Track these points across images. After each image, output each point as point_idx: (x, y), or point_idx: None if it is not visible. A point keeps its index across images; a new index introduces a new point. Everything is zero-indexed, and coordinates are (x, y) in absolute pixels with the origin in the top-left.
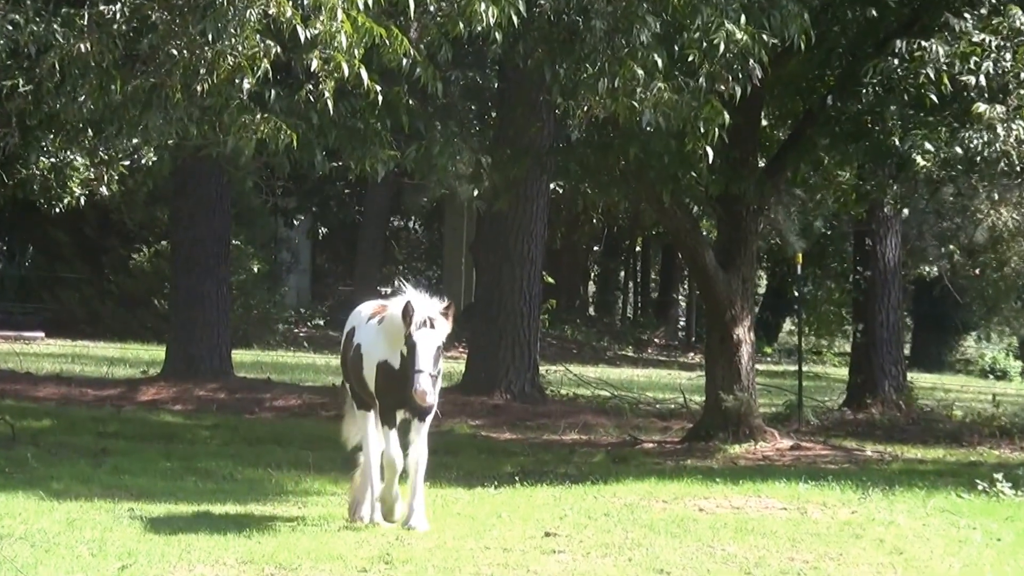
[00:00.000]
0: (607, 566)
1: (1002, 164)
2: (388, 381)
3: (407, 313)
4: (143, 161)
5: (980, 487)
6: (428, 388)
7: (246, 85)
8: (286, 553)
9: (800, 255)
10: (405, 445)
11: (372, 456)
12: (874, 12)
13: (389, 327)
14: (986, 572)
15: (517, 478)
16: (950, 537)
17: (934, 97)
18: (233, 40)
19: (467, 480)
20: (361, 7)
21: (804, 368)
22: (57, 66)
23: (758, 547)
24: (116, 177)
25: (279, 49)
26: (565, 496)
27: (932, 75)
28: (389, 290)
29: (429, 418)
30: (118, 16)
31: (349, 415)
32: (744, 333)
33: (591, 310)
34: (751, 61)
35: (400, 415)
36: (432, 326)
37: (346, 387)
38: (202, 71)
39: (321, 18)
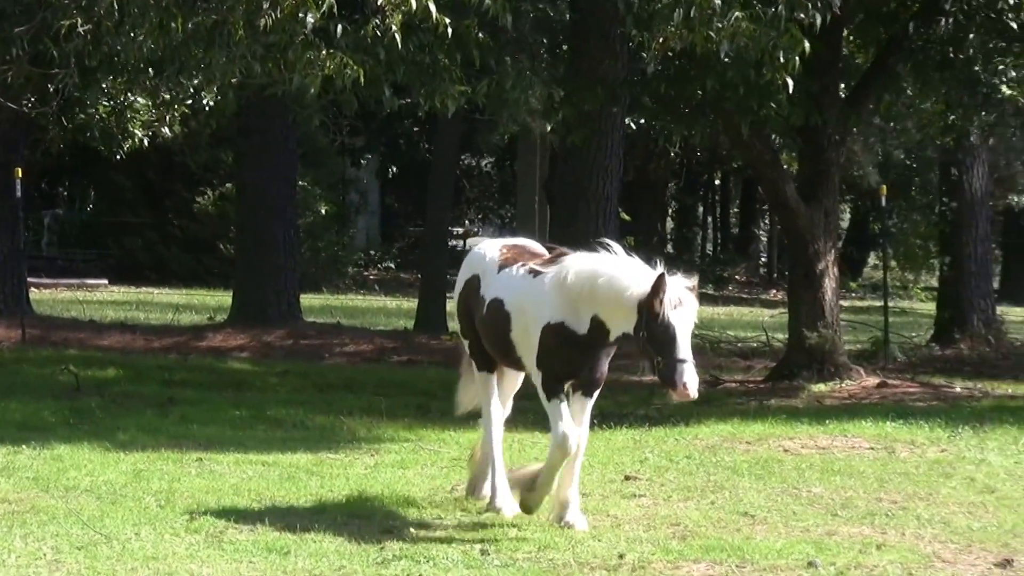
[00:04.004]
0: (690, 509)
1: None
2: (564, 348)
3: (658, 290)
4: (206, 101)
5: None
6: (694, 382)
7: (310, 20)
8: (359, 501)
9: (884, 187)
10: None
11: (493, 427)
12: None
13: (581, 285)
14: None
15: (595, 421)
16: None
17: (1014, 25)
18: None
19: (543, 424)
20: None
21: (890, 303)
22: (116, 4)
23: (845, 488)
24: (179, 118)
25: None
26: (645, 439)
27: (1011, 1)
28: (461, 230)
29: (596, 393)
30: None
31: (467, 376)
32: (828, 268)
33: (669, 247)
34: None
35: (565, 387)
36: (681, 304)
37: (464, 343)
38: (265, 6)
39: None
